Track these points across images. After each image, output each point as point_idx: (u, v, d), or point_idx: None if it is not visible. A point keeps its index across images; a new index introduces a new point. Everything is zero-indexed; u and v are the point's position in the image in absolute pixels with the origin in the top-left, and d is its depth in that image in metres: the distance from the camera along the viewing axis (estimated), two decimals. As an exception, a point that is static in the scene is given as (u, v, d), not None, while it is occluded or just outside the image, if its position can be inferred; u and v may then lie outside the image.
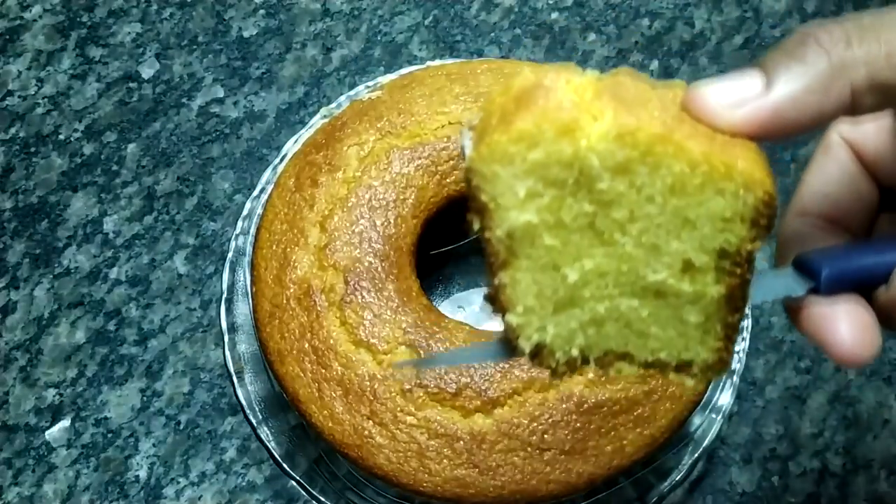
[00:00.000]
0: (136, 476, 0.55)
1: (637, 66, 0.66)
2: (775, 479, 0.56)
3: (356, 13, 0.68)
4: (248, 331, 0.54)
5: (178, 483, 0.55)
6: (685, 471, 0.51)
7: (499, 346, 0.31)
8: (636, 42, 0.67)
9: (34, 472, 0.55)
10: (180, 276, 0.60)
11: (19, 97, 0.65)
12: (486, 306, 0.30)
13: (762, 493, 0.56)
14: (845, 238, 0.34)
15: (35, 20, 0.67)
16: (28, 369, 0.58)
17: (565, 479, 0.47)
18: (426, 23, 0.67)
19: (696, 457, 0.52)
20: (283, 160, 0.56)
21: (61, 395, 0.57)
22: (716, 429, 0.52)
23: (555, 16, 0.68)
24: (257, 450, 0.56)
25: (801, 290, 0.31)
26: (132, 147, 0.63)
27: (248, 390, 0.52)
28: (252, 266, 0.51)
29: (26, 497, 0.55)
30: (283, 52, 0.66)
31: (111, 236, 0.61)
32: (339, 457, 0.50)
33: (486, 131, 0.27)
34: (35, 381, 0.57)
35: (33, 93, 0.65)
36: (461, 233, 0.37)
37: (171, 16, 0.67)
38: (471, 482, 0.46)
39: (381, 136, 0.52)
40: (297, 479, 0.51)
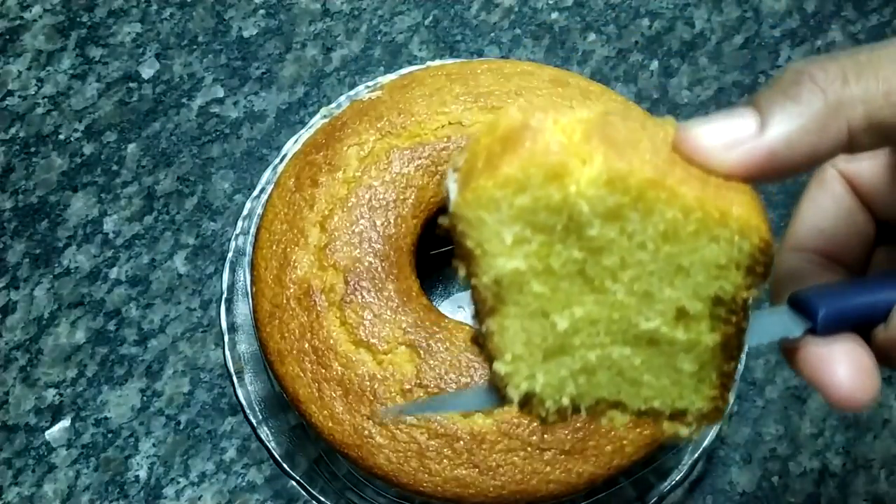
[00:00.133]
0: (136, 476, 0.55)
1: (637, 66, 0.66)
2: (775, 479, 0.56)
3: (356, 13, 0.68)
4: (248, 331, 0.54)
5: (178, 483, 0.55)
6: (685, 471, 0.51)
7: (487, 394, 0.30)
8: (636, 42, 0.67)
9: (34, 472, 0.55)
10: (180, 276, 0.60)
11: (19, 97, 0.65)
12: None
13: (762, 493, 0.56)
14: (841, 273, 0.33)
15: (35, 20, 0.67)
16: (28, 369, 0.58)
17: (565, 479, 0.47)
18: (426, 23, 0.67)
19: (696, 457, 0.52)
20: (283, 160, 0.56)
21: (61, 395, 0.57)
22: (716, 429, 0.52)
23: (555, 16, 0.68)
24: (257, 450, 0.56)
25: (798, 330, 0.30)
26: (132, 147, 0.63)
27: (248, 390, 0.52)
28: (252, 266, 0.51)
29: (26, 497, 0.55)
30: (283, 52, 0.66)
31: (111, 236, 0.61)
32: (339, 457, 0.50)
33: (471, 175, 0.26)
34: (35, 381, 0.57)
35: (33, 93, 0.65)
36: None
37: (171, 16, 0.67)
38: (471, 482, 0.46)
39: (381, 136, 0.52)
40: (297, 479, 0.51)
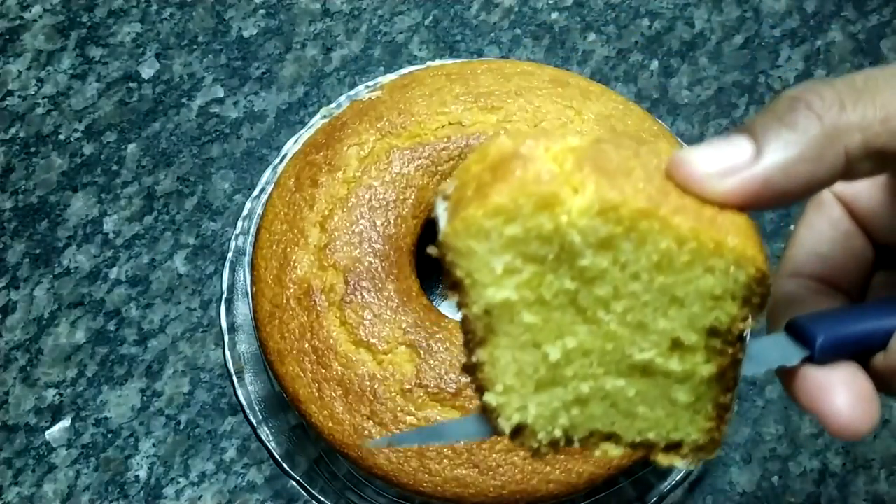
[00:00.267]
0: (136, 476, 0.55)
1: (637, 66, 0.66)
2: (775, 479, 0.56)
3: (356, 13, 0.68)
4: (248, 331, 0.54)
5: (178, 483, 0.55)
6: (685, 471, 0.51)
7: (478, 424, 0.30)
8: (636, 42, 0.67)
9: (34, 472, 0.55)
10: (180, 276, 0.60)
11: (19, 97, 0.65)
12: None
13: (762, 493, 0.56)
14: (839, 299, 0.32)
15: (35, 20, 0.67)
16: (28, 369, 0.58)
17: (565, 479, 0.47)
18: (426, 23, 0.67)
19: (696, 457, 0.52)
20: (283, 160, 0.56)
21: (61, 395, 0.57)
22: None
23: (555, 16, 0.68)
24: (257, 450, 0.56)
25: (796, 358, 0.29)
26: (132, 147, 0.63)
27: (248, 390, 0.52)
28: (252, 266, 0.51)
29: (26, 497, 0.55)
30: (283, 52, 0.66)
31: (111, 236, 0.61)
32: (339, 457, 0.50)
33: (460, 203, 0.26)
34: (35, 381, 0.57)
35: (33, 93, 0.65)
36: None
37: (171, 16, 0.67)
38: (471, 482, 0.46)
39: (381, 136, 0.52)
40: (297, 479, 0.51)
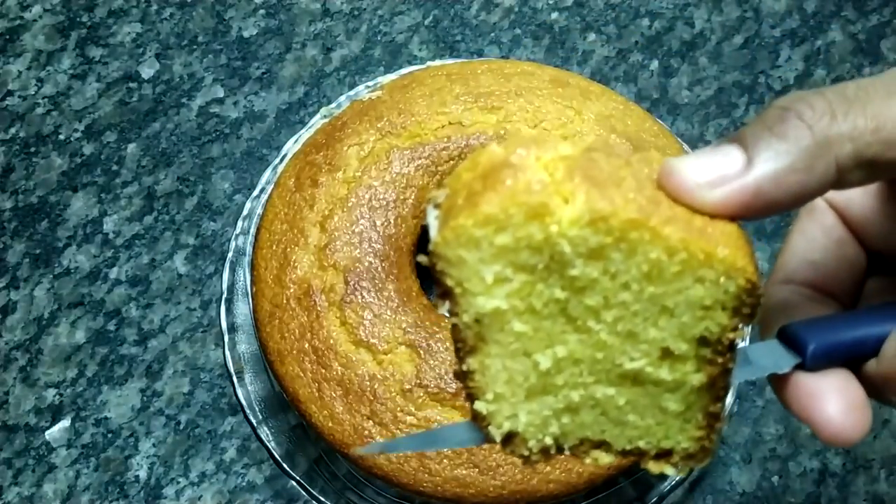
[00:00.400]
0: (136, 476, 0.55)
1: (637, 66, 0.66)
2: (775, 479, 0.56)
3: (356, 13, 0.68)
4: (248, 331, 0.54)
5: (178, 483, 0.55)
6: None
7: (469, 431, 0.30)
8: (636, 42, 0.67)
9: (34, 472, 0.55)
10: (180, 276, 0.60)
11: (19, 97, 0.65)
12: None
13: (762, 493, 0.56)
14: (832, 306, 0.32)
15: (35, 20, 0.67)
16: (28, 369, 0.58)
17: (565, 479, 0.47)
18: (426, 23, 0.67)
19: (696, 457, 0.52)
20: (283, 160, 0.56)
21: (61, 395, 0.57)
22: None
23: (555, 16, 0.68)
24: (257, 450, 0.56)
25: (787, 366, 0.29)
26: (132, 147, 0.63)
27: (248, 390, 0.52)
28: (252, 266, 0.51)
29: (26, 497, 0.55)
30: (283, 52, 0.66)
31: (111, 236, 0.61)
32: (339, 457, 0.50)
33: (451, 212, 0.26)
34: (35, 381, 0.57)
35: (33, 93, 0.65)
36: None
37: (171, 16, 0.67)
38: (471, 482, 0.46)
39: (381, 136, 0.52)
40: (297, 479, 0.51)
